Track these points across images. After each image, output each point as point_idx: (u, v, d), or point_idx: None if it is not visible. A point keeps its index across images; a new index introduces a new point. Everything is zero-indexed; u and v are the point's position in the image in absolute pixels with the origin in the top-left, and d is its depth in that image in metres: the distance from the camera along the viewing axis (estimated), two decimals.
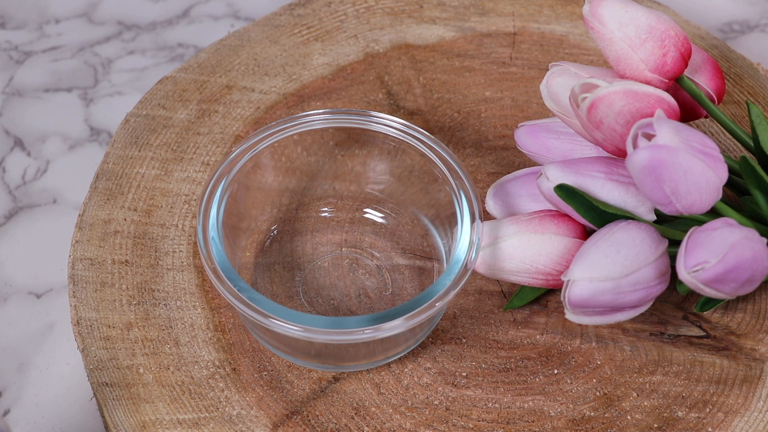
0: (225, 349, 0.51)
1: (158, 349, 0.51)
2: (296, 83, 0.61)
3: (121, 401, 0.49)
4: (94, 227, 0.55)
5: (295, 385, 0.50)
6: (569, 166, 0.49)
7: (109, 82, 0.66)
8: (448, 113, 0.60)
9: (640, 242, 0.47)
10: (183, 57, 0.67)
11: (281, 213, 0.56)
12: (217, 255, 0.48)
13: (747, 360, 0.51)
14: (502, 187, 0.53)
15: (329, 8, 0.64)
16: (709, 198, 0.46)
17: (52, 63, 0.67)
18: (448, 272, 0.48)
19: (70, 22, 0.69)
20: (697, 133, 0.46)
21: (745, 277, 0.46)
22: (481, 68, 0.62)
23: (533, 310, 0.53)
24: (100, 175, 0.57)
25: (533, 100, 0.61)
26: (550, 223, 0.50)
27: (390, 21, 0.64)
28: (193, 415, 0.49)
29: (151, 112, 0.59)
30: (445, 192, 0.51)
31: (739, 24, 0.70)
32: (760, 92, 0.60)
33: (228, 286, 0.47)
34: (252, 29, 0.63)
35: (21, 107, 0.65)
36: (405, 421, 0.49)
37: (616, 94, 0.47)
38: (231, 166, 0.51)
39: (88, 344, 0.51)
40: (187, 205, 0.56)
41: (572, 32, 0.64)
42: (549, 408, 0.50)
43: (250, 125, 0.59)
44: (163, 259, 0.54)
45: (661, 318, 0.53)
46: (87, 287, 0.53)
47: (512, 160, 0.58)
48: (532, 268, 0.50)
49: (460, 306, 0.53)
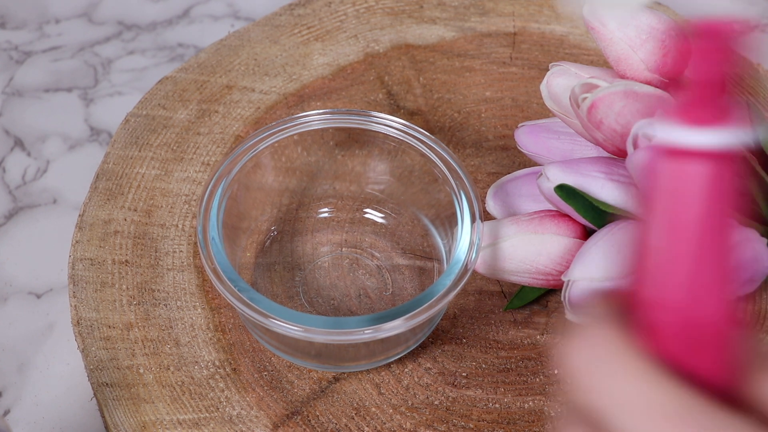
0: (225, 350, 0.51)
1: (158, 350, 0.51)
2: (296, 83, 0.61)
3: (121, 401, 0.49)
4: (94, 227, 0.55)
5: (295, 385, 0.50)
6: (569, 166, 0.49)
7: (109, 82, 0.66)
8: (448, 113, 0.60)
9: None
10: (183, 57, 0.67)
11: (281, 213, 0.56)
12: (217, 255, 0.48)
13: None
14: (502, 187, 0.53)
15: (329, 8, 0.64)
16: None
17: (52, 63, 0.67)
18: (449, 272, 0.48)
19: (70, 22, 0.69)
20: None
21: (745, 277, 0.46)
22: (481, 68, 0.62)
23: (533, 310, 0.53)
24: (100, 175, 0.57)
25: (533, 100, 0.61)
26: (550, 223, 0.50)
27: (390, 21, 0.64)
28: (194, 416, 0.49)
29: (151, 112, 0.59)
30: (445, 192, 0.51)
31: None
32: (760, 92, 0.60)
33: (228, 286, 0.47)
34: (252, 29, 0.63)
35: (21, 107, 0.65)
36: (405, 422, 0.49)
37: (616, 94, 0.47)
38: (231, 166, 0.51)
39: (89, 344, 0.51)
40: (187, 205, 0.56)
41: (572, 32, 0.64)
42: (549, 408, 0.50)
43: (250, 125, 0.59)
44: (164, 259, 0.54)
45: None
46: (87, 287, 0.53)
47: (512, 160, 0.58)
48: (533, 268, 0.50)
49: (460, 306, 0.53)
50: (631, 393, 0.26)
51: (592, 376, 0.26)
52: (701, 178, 0.25)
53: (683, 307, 0.26)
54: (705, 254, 0.25)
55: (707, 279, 0.25)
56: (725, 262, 0.25)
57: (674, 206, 0.26)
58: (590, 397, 0.26)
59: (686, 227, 0.25)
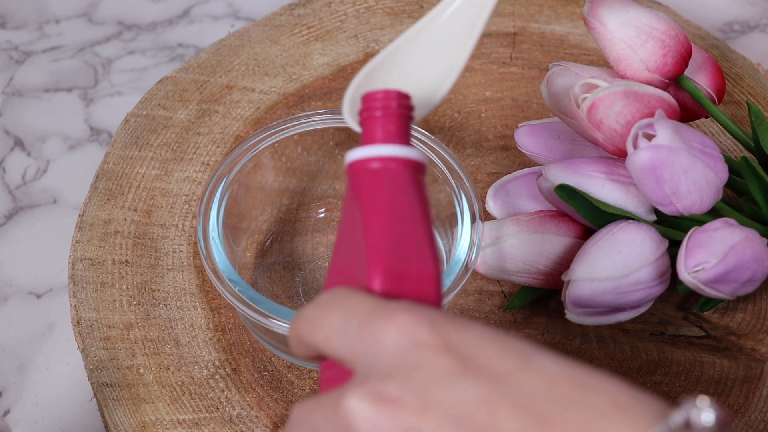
0: (225, 350, 0.51)
1: (158, 350, 0.51)
2: (296, 83, 0.61)
3: (121, 401, 0.49)
4: (94, 227, 0.55)
5: (295, 385, 0.50)
6: (569, 166, 0.49)
7: (109, 82, 0.66)
8: (448, 113, 0.60)
9: (641, 242, 0.47)
10: (183, 57, 0.67)
11: (281, 213, 0.56)
12: (217, 255, 0.48)
13: (747, 360, 0.51)
14: (502, 187, 0.53)
15: (329, 8, 0.64)
16: (710, 198, 0.46)
17: (52, 63, 0.67)
18: (449, 272, 0.48)
19: (70, 22, 0.69)
20: (697, 133, 0.46)
21: (745, 277, 0.46)
22: (481, 68, 0.62)
23: (533, 310, 0.53)
24: (100, 175, 0.57)
25: (533, 100, 0.61)
26: (550, 223, 0.50)
27: (390, 21, 0.64)
28: (194, 416, 0.49)
29: (151, 112, 0.59)
30: (445, 192, 0.51)
31: (739, 24, 0.70)
32: (760, 92, 0.60)
33: (228, 286, 0.47)
34: (252, 29, 0.63)
35: (21, 107, 0.65)
36: None
37: (616, 95, 0.47)
38: (231, 166, 0.51)
39: (89, 344, 0.51)
40: (187, 205, 0.56)
41: (572, 32, 0.64)
42: None
43: (250, 125, 0.59)
44: (164, 259, 0.54)
45: (661, 318, 0.53)
46: (87, 287, 0.53)
47: (512, 160, 0.58)
48: (532, 268, 0.50)
49: (460, 306, 0.53)
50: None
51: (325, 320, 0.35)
52: (388, 175, 0.38)
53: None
54: (406, 227, 0.36)
55: (412, 242, 0.36)
56: (423, 230, 0.36)
57: (373, 195, 0.37)
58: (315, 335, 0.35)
59: (384, 210, 0.36)
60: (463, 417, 0.31)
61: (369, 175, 0.38)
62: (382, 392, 0.32)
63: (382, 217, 0.37)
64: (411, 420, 0.31)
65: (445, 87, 0.44)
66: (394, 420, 0.31)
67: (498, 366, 0.32)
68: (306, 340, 0.36)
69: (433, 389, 0.32)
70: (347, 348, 0.34)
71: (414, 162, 0.38)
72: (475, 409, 0.31)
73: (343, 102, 0.43)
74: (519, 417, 0.31)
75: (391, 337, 0.33)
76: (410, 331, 0.33)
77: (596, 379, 0.31)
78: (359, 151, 0.39)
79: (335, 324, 0.34)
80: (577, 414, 0.30)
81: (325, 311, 0.35)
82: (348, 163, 0.39)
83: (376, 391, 0.32)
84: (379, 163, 0.38)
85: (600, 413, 0.30)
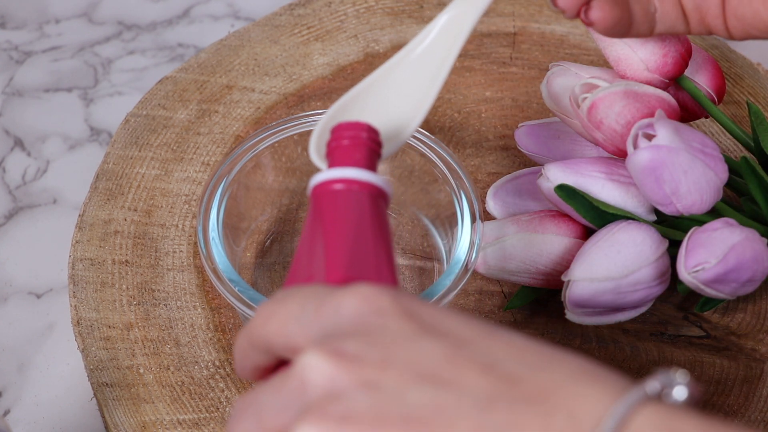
0: (225, 350, 0.51)
1: (158, 350, 0.51)
2: (296, 83, 0.61)
3: (121, 401, 0.49)
4: (94, 227, 0.55)
5: None
6: (569, 166, 0.49)
7: (109, 82, 0.66)
8: (448, 113, 0.60)
9: (641, 242, 0.47)
10: (183, 57, 0.67)
11: (281, 213, 0.56)
12: (217, 255, 0.48)
13: (747, 360, 0.51)
14: (502, 187, 0.53)
15: (329, 8, 0.64)
16: (710, 198, 0.46)
17: (52, 63, 0.67)
18: (449, 272, 0.48)
19: (70, 22, 0.69)
20: (697, 133, 0.46)
21: (745, 277, 0.46)
22: (481, 68, 0.62)
23: (533, 310, 0.53)
24: (100, 175, 0.57)
25: (533, 100, 0.61)
26: (550, 223, 0.50)
27: (390, 21, 0.64)
28: (194, 416, 0.49)
29: (151, 112, 0.59)
30: (445, 192, 0.51)
31: None
32: (760, 92, 0.60)
33: (228, 286, 0.47)
34: (252, 29, 0.63)
35: (21, 107, 0.65)
36: None
37: (616, 95, 0.47)
38: (231, 166, 0.51)
39: (89, 344, 0.51)
40: (187, 205, 0.56)
41: (572, 32, 0.64)
42: None
43: (250, 125, 0.59)
44: (164, 260, 0.54)
45: (661, 318, 0.53)
46: (87, 287, 0.53)
47: (512, 160, 0.58)
48: (532, 268, 0.50)
49: (460, 306, 0.53)
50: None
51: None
52: (351, 195, 0.38)
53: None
54: (364, 239, 0.37)
55: (370, 256, 0.36)
56: (384, 251, 0.37)
57: (336, 211, 0.38)
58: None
59: (345, 225, 0.37)
60: (427, 373, 0.30)
61: (332, 195, 0.38)
62: (342, 348, 0.31)
63: (343, 233, 0.36)
64: (372, 375, 0.30)
65: (414, 123, 0.44)
66: (355, 375, 0.30)
67: (462, 332, 0.31)
68: (258, 337, 0.34)
69: (396, 347, 0.31)
70: (302, 329, 0.32)
71: (377, 188, 0.39)
72: (439, 366, 0.30)
73: (310, 139, 0.43)
74: (485, 376, 0.30)
75: (352, 305, 0.32)
76: (372, 299, 0.32)
77: (563, 353, 0.31)
78: (323, 174, 0.39)
79: (293, 310, 0.33)
80: (546, 375, 0.30)
81: (281, 302, 0.34)
82: (312, 186, 0.39)
83: (334, 348, 0.31)
84: (342, 185, 0.38)
85: (570, 376, 0.30)
